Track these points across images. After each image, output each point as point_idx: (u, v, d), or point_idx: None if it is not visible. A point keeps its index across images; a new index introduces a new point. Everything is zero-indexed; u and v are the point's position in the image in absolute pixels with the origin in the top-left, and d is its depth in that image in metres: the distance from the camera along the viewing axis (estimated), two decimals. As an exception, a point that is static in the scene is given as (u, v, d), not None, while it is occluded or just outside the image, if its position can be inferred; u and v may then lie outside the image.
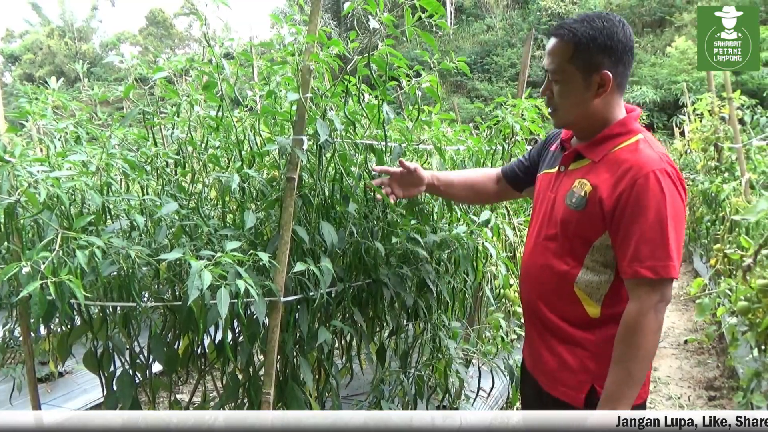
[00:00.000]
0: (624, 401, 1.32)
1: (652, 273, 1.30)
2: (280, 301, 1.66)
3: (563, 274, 1.45)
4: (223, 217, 1.95)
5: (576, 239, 1.43)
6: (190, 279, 1.37)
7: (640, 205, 1.30)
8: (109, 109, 4.09)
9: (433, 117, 2.25)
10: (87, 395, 3.16)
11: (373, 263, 2.00)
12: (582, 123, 1.46)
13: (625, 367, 1.32)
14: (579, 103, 1.43)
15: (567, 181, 1.48)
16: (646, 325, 1.30)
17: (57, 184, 1.34)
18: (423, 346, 2.39)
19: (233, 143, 1.98)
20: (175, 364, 1.86)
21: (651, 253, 1.30)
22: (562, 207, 1.45)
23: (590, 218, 1.39)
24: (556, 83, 1.44)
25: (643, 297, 1.32)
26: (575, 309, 1.44)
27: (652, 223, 1.29)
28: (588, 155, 1.45)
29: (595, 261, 1.41)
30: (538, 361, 1.56)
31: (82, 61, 2.69)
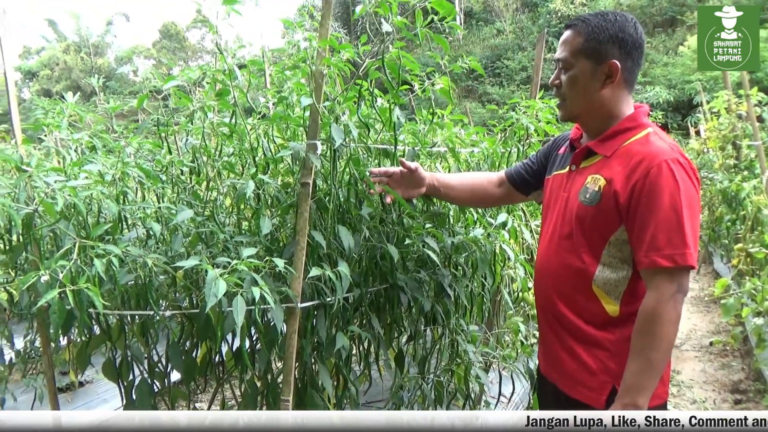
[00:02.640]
0: (644, 392, 1.30)
1: (670, 262, 1.29)
2: (297, 307, 1.65)
3: (581, 272, 1.44)
4: (239, 223, 1.95)
5: (592, 235, 1.42)
6: (207, 287, 1.37)
7: (655, 194, 1.30)
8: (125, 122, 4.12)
9: (445, 119, 2.23)
10: (107, 404, 3.17)
11: (389, 268, 1.98)
12: (589, 115, 1.47)
13: (646, 357, 1.30)
14: (586, 92, 1.44)
15: (579, 179, 1.47)
16: (665, 314, 1.29)
17: (74, 194, 1.34)
18: (441, 351, 2.36)
19: (247, 150, 1.98)
20: (193, 372, 1.85)
21: (667, 242, 1.29)
22: (576, 204, 1.45)
23: (605, 213, 1.38)
24: (566, 72, 1.46)
25: (661, 287, 1.31)
26: (594, 307, 1.43)
27: (667, 212, 1.29)
28: (599, 151, 1.46)
29: (613, 257, 1.40)
30: (556, 363, 1.53)
31: (98, 75, 2.71)
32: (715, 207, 5.93)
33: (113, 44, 35.17)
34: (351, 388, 2.00)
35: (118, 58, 34.20)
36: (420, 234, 1.95)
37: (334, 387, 2.01)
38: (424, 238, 1.96)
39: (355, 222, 1.92)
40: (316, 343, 1.85)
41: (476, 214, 2.29)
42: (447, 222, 2.17)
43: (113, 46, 35.05)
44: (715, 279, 6.54)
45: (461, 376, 2.36)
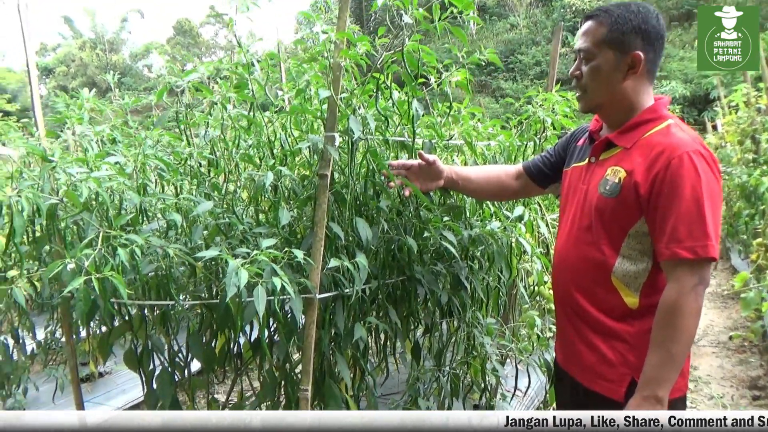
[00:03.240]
0: (665, 384, 1.30)
1: (691, 253, 1.28)
2: (315, 298, 1.66)
3: (600, 264, 1.43)
4: (257, 216, 1.96)
5: (612, 227, 1.41)
6: (228, 277, 1.38)
7: (676, 186, 1.29)
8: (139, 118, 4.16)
9: (462, 112, 2.23)
10: (126, 395, 3.21)
11: (406, 260, 1.99)
12: (611, 106, 1.46)
13: (666, 350, 1.30)
14: (609, 83, 1.43)
15: (599, 171, 1.47)
16: (686, 306, 1.29)
17: (98, 184, 1.36)
18: (457, 344, 2.37)
19: (264, 143, 1.99)
20: (212, 362, 1.87)
21: (689, 234, 1.28)
22: (595, 196, 1.44)
23: (625, 204, 1.38)
24: (587, 62, 1.44)
25: (682, 278, 1.30)
26: (613, 299, 1.42)
27: (689, 203, 1.28)
28: (619, 143, 1.45)
29: (632, 249, 1.40)
30: (574, 356, 1.53)
31: (113, 71, 2.74)
32: (734, 202, 5.85)
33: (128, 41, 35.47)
34: (368, 379, 2.01)
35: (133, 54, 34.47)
36: (438, 227, 1.95)
37: (352, 378, 2.02)
38: (442, 231, 1.96)
39: (372, 214, 1.93)
40: (334, 334, 1.86)
41: (493, 207, 2.28)
42: (463, 215, 2.17)
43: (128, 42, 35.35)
44: (732, 275, 6.47)
45: (477, 369, 2.36)
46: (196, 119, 1.94)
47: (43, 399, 3.07)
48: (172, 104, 1.94)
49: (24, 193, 1.30)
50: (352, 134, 1.68)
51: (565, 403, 1.66)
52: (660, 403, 1.31)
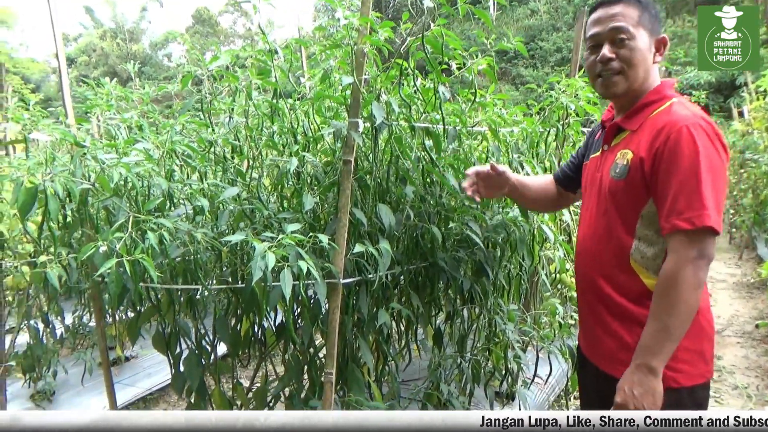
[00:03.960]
0: (659, 356, 1.31)
1: (688, 224, 1.28)
2: (339, 282, 1.67)
3: (618, 248, 1.45)
4: (281, 201, 1.98)
5: (625, 210, 1.44)
6: (254, 260, 1.40)
7: (674, 158, 1.31)
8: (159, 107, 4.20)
9: (487, 98, 2.21)
10: (151, 378, 3.29)
11: (429, 247, 1.99)
12: (637, 88, 1.47)
13: (662, 321, 1.30)
14: (646, 65, 1.44)
15: (611, 157, 1.50)
16: (684, 279, 1.28)
17: (127, 169, 1.39)
18: (479, 330, 2.37)
19: (288, 129, 2.00)
20: (238, 345, 1.91)
21: (687, 205, 1.29)
22: (608, 180, 1.47)
23: (634, 185, 1.40)
24: (623, 43, 1.42)
25: (681, 250, 1.30)
26: (633, 282, 1.44)
27: (687, 175, 1.29)
28: (627, 126, 1.48)
29: (647, 230, 1.41)
30: (596, 343, 1.54)
31: (134, 61, 2.78)
32: (761, 190, 5.73)
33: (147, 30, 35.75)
34: (390, 364, 2.03)
35: (153, 44, 34.75)
36: (464, 213, 1.94)
37: (375, 363, 2.05)
38: (467, 221, 1.96)
39: (396, 201, 1.94)
40: (358, 320, 1.88)
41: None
42: (489, 203, 2.17)
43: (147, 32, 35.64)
44: (758, 264, 6.35)
45: (499, 356, 2.37)
46: (221, 106, 1.96)
47: (72, 381, 3.15)
48: (194, 92, 1.96)
49: (57, 178, 1.33)
50: (375, 120, 1.68)
51: (588, 391, 1.67)
52: (652, 373, 1.31)
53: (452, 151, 2.15)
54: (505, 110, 2.51)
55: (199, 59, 1.90)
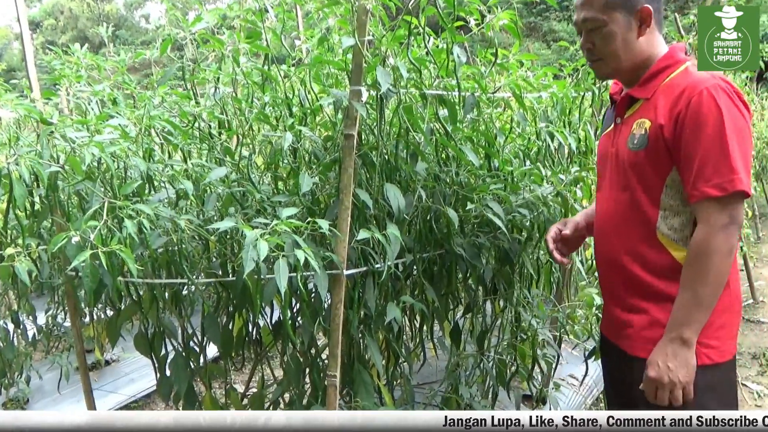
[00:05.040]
0: (692, 326, 1.43)
1: (719, 190, 1.40)
2: (342, 274, 1.69)
3: (643, 223, 1.55)
4: (275, 183, 2.00)
5: (648, 181, 1.53)
6: (245, 250, 1.42)
7: (697, 123, 1.41)
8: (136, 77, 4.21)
9: (510, 59, 2.20)
10: (135, 384, 3.35)
11: (445, 232, 2.01)
12: (630, 67, 1.59)
13: (693, 291, 1.42)
14: (626, 45, 1.56)
15: (625, 129, 1.59)
16: (716, 246, 1.40)
17: (101, 149, 1.41)
18: (503, 326, 2.39)
19: (281, 100, 2.01)
20: (230, 346, 1.94)
21: (715, 171, 1.40)
22: (626, 153, 1.56)
23: (656, 154, 1.50)
24: (596, 32, 1.56)
25: (712, 218, 1.41)
26: (662, 258, 1.53)
27: (712, 139, 1.39)
28: (640, 95, 1.58)
29: (672, 199, 1.51)
30: (621, 326, 1.63)
31: (106, 24, 2.79)
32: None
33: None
34: (403, 365, 2.06)
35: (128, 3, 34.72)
36: (484, 192, 1.95)
37: (384, 364, 2.07)
38: (488, 202, 1.96)
39: (406, 180, 1.95)
40: (364, 315, 1.90)
41: (545, 169, 2.27)
42: (512, 180, 2.17)
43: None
44: None
45: (526, 354, 2.39)
46: (206, 75, 1.97)
47: (47, 388, 3.23)
48: (175, 59, 1.97)
49: (22, 160, 1.36)
50: (380, 87, 1.68)
51: (612, 377, 1.76)
52: (686, 345, 1.43)
53: (470, 122, 2.15)
54: (532, 72, 2.50)
55: (181, 21, 1.91)
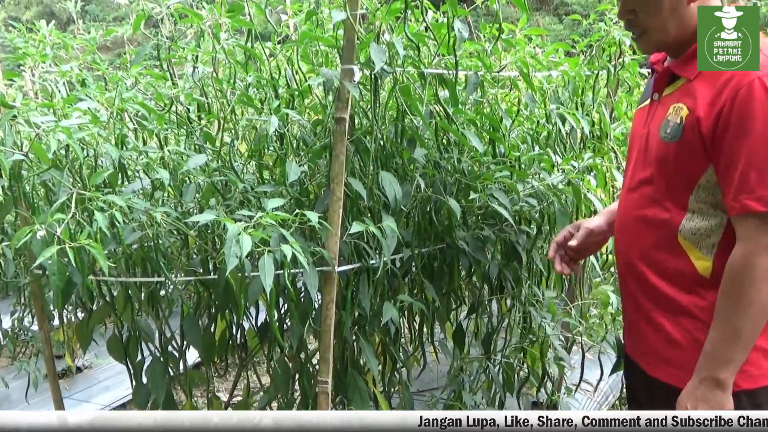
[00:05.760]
0: (728, 366, 1.33)
1: (763, 205, 1.29)
2: (334, 270, 1.70)
3: (664, 224, 1.46)
4: (260, 171, 2.00)
5: (677, 179, 1.43)
6: (227, 245, 1.42)
7: (744, 121, 1.29)
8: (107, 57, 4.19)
9: (517, 34, 2.20)
10: (110, 392, 3.36)
11: (446, 224, 2.01)
12: (679, 38, 1.46)
13: (731, 324, 1.33)
14: (674, 14, 1.43)
15: (661, 110, 1.48)
16: (758, 271, 1.29)
17: (69, 135, 1.41)
18: (511, 327, 2.40)
19: (267, 81, 2.01)
20: (212, 351, 1.95)
21: (760, 181, 1.28)
22: (656, 141, 1.46)
23: (690, 149, 1.39)
24: (641, 9, 1.45)
25: (754, 236, 1.30)
26: (680, 264, 1.45)
27: (759, 142, 1.28)
28: (682, 73, 1.46)
29: (702, 202, 1.41)
30: (639, 339, 1.57)
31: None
32: None
33: (91, -42, 35.51)
34: (401, 370, 2.06)
35: (98, -25, 34.54)
36: (489, 181, 1.95)
37: (381, 369, 2.08)
38: (493, 190, 1.96)
39: (403, 168, 1.95)
40: (358, 316, 1.91)
41: (555, 156, 2.28)
42: (519, 166, 2.17)
43: (91, -40, 35.39)
44: None
45: (536, 357, 2.40)
46: (182, 54, 1.96)
47: (14, 397, 3.23)
48: (149, 37, 1.97)
49: (-19, 148, 1.35)
50: (374, 66, 1.68)
51: (637, 396, 1.70)
52: (720, 387, 1.34)
53: (473, 104, 2.15)
54: (541, 49, 2.50)
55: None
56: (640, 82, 3.11)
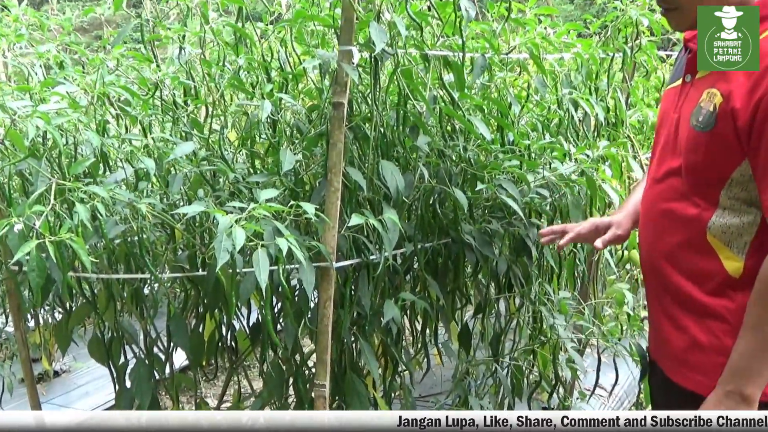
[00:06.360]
0: (755, 379, 1.32)
1: None
2: (332, 266, 1.70)
3: (691, 220, 1.44)
4: (251, 160, 2.00)
5: (708, 171, 1.40)
6: (218, 239, 1.42)
7: None
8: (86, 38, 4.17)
9: (527, 14, 2.20)
10: (90, 398, 3.36)
11: (451, 217, 2.01)
12: None
13: (763, 334, 1.31)
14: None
15: (694, 95, 1.45)
16: None
17: (47, 121, 1.40)
18: (520, 327, 2.40)
19: (259, 63, 2.00)
20: (201, 353, 1.94)
21: None
22: (686, 129, 1.43)
23: (723, 141, 1.36)
24: None
25: None
26: (709, 264, 1.43)
27: None
28: None
29: (735, 198, 1.39)
30: (662, 342, 1.56)
31: (49, -25, 2.77)
32: None
33: (67, -67, 35.36)
34: (403, 373, 2.07)
35: (75, -49, 34.43)
36: (497, 171, 1.95)
37: (381, 372, 2.08)
38: (501, 181, 1.96)
39: (405, 156, 1.95)
40: (357, 315, 1.91)
41: (567, 144, 2.28)
42: (530, 155, 2.17)
43: (67, -65, 35.24)
44: None
45: (547, 360, 2.41)
46: (168, 34, 1.96)
47: (-13, 403, 3.22)
48: (131, 17, 1.96)
49: (-46, 135, 1.35)
50: (374, 47, 1.68)
51: (658, 405, 1.69)
52: (746, 402, 1.32)
53: (480, 88, 2.14)
54: (552, 30, 2.49)
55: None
56: (658, 66, 3.12)
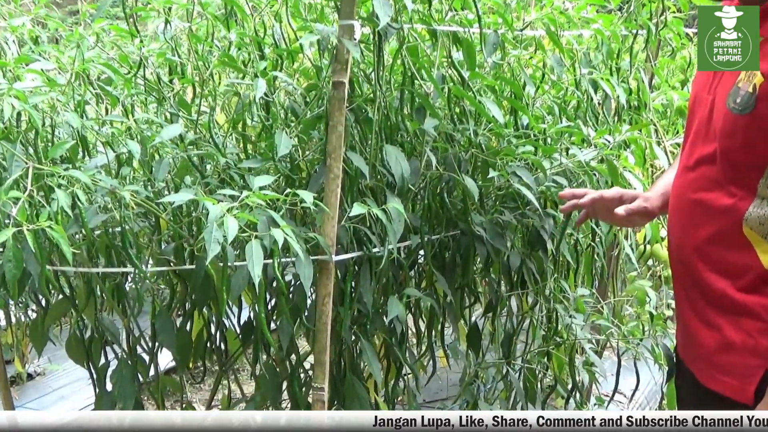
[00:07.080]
0: None
1: None
2: (331, 260, 1.70)
3: (726, 211, 1.43)
4: (243, 144, 1.99)
5: (746, 158, 1.40)
6: (208, 230, 1.42)
7: None
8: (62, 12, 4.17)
9: (544, -14, 2.20)
10: (66, 401, 3.37)
11: (460, 207, 2.01)
12: None
13: None
14: None
15: (730, 76, 1.44)
16: None
17: (24, 100, 1.40)
18: (534, 327, 2.41)
19: (251, 39, 2.00)
20: (188, 353, 1.95)
21: None
22: (722, 112, 1.42)
23: (763, 124, 1.35)
24: None
25: None
26: (743, 258, 1.42)
27: None
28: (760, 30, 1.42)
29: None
30: (691, 341, 1.56)
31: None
32: None
33: None
34: (407, 376, 2.07)
35: None
36: (510, 157, 1.95)
37: (384, 374, 2.09)
38: (514, 168, 1.96)
39: (411, 141, 1.94)
40: (358, 313, 1.91)
41: (586, 128, 2.27)
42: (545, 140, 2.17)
43: None
44: None
45: (563, 363, 2.41)
46: (153, 7, 1.95)
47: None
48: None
49: None
50: (378, 22, 1.68)
51: (687, 408, 1.68)
52: None
53: (492, 67, 2.14)
54: (571, 4, 2.49)
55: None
56: (685, 45, 3.11)
